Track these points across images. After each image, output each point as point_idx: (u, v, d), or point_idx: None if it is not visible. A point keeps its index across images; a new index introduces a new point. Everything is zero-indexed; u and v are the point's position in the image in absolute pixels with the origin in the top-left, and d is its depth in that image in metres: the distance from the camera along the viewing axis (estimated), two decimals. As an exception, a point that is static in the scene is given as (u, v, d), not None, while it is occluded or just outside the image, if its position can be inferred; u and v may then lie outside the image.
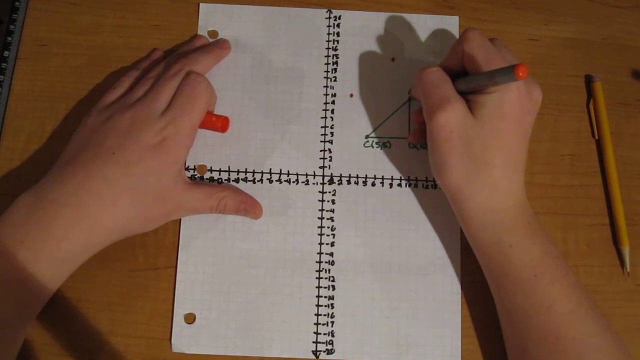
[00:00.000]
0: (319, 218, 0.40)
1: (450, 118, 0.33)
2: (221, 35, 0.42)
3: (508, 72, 0.29)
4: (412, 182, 0.40)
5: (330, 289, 0.38)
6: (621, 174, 0.41)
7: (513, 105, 0.33)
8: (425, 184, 0.40)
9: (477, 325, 0.38)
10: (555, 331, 0.32)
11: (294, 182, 0.40)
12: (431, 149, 0.35)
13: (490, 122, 0.33)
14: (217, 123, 0.39)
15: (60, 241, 0.32)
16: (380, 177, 0.40)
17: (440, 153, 0.34)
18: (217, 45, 0.41)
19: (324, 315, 0.38)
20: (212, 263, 0.39)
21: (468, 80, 0.34)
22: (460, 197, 0.34)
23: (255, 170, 0.40)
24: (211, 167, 0.40)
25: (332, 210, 0.40)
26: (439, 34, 0.43)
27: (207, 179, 0.40)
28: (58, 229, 0.32)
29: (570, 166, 0.41)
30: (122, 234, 0.35)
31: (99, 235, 0.34)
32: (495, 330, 0.37)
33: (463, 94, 0.34)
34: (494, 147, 0.33)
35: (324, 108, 0.41)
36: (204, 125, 0.38)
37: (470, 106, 0.34)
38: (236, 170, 0.40)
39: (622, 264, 0.39)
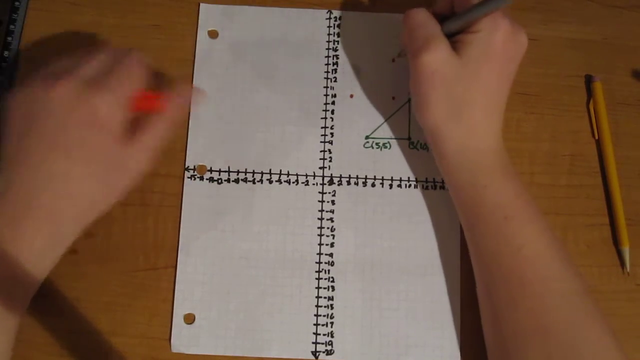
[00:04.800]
0: (318, 219, 0.40)
1: (434, 57, 0.33)
2: (221, 35, 0.42)
3: None
4: (412, 183, 0.40)
5: (330, 289, 0.38)
6: (621, 174, 0.41)
7: (498, 46, 0.33)
8: (425, 184, 0.40)
9: (476, 325, 0.38)
10: (519, 273, 0.33)
11: (294, 182, 0.40)
12: (413, 88, 0.35)
13: (474, 63, 0.33)
14: (151, 102, 0.35)
15: (32, 240, 0.32)
16: (380, 177, 0.40)
17: (423, 92, 0.34)
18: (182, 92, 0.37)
19: (324, 315, 0.38)
20: (211, 263, 0.39)
21: (458, 16, 0.34)
22: (439, 136, 0.35)
23: (255, 171, 0.40)
24: (211, 167, 0.40)
25: (332, 211, 0.40)
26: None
27: (207, 179, 0.40)
28: (28, 228, 0.31)
29: (570, 166, 0.41)
30: (92, 214, 0.34)
31: (66, 225, 0.33)
32: (495, 330, 0.37)
33: (450, 35, 0.34)
34: (475, 87, 0.34)
35: (324, 108, 0.41)
36: (139, 105, 0.35)
37: (456, 46, 0.34)
38: (236, 170, 0.40)
39: (622, 264, 0.39)
